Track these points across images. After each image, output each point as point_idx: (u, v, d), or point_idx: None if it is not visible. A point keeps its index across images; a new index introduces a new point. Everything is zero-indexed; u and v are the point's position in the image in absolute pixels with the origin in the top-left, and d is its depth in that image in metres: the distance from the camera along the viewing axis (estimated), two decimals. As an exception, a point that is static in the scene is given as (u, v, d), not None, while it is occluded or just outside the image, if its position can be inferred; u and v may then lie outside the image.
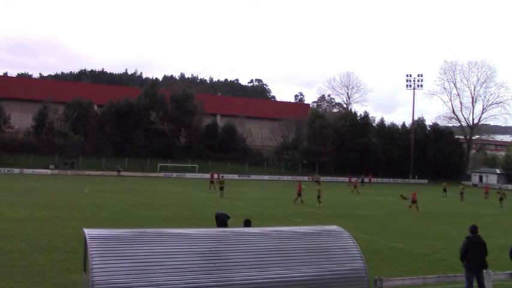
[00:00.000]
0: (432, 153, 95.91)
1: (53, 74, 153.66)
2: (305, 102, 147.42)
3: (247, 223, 14.63)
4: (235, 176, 79.17)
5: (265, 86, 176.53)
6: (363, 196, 50.52)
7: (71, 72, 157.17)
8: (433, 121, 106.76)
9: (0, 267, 13.98)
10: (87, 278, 7.58)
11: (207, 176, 76.89)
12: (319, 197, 37.25)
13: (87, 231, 7.92)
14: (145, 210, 29.39)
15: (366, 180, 75.24)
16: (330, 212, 32.26)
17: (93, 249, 7.36)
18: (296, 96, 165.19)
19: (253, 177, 78.86)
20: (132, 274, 7.16)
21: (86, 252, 7.93)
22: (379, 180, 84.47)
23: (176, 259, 7.61)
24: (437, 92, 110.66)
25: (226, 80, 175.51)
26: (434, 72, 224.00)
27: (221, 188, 43.36)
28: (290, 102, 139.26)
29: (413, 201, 36.60)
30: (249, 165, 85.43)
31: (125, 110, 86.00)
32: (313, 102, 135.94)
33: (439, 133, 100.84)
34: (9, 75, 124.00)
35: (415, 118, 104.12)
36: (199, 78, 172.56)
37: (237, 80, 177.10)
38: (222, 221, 18.08)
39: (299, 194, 38.16)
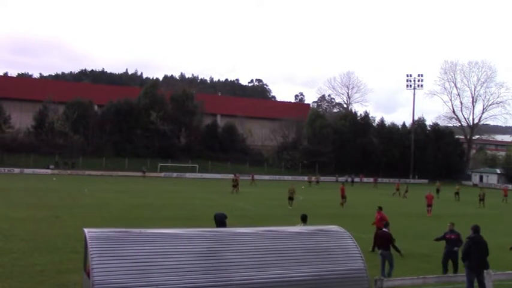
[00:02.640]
0: (432, 153, 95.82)
1: (53, 74, 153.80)
2: (305, 102, 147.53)
3: (304, 218, 14.76)
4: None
5: (265, 86, 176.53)
6: (362, 196, 50.46)
7: (71, 72, 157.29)
8: (434, 121, 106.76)
9: (0, 267, 13.99)
10: (88, 278, 7.58)
11: (207, 176, 77.20)
12: (291, 198, 34.97)
13: (87, 231, 7.92)
14: (145, 210, 29.39)
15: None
16: (330, 212, 32.22)
17: (93, 249, 7.36)
18: (296, 96, 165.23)
19: (250, 176, 78.61)
20: (131, 274, 7.17)
21: (86, 252, 7.93)
22: (379, 180, 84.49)
23: (175, 259, 7.61)
24: (437, 92, 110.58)
25: (226, 80, 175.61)
26: (435, 72, 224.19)
27: (234, 186, 46.48)
28: (290, 102, 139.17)
29: (429, 205, 34.28)
30: (249, 165, 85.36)
31: (125, 110, 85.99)
32: (314, 102, 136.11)
33: (439, 133, 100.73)
34: (9, 75, 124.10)
35: (416, 118, 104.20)
36: (199, 78, 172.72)
37: (237, 80, 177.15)
38: (220, 220, 18.14)
39: (343, 197, 36.88)
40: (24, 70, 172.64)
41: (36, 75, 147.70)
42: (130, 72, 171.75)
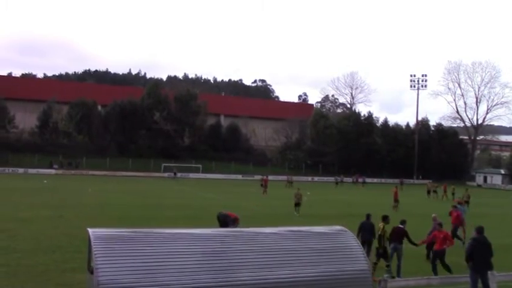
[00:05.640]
0: (436, 154, 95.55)
1: (57, 74, 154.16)
2: (309, 102, 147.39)
3: (385, 218, 15.02)
4: (239, 176, 79.06)
5: (268, 86, 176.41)
6: (365, 197, 50.38)
7: (75, 72, 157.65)
8: (437, 121, 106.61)
9: (4, 266, 14.02)
10: (92, 278, 7.58)
11: (211, 176, 77.19)
12: (298, 204, 30.73)
13: (91, 231, 7.93)
14: (149, 210, 29.42)
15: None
16: (333, 213, 32.18)
17: (98, 249, 7.37)
18: (300, 96, 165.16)
19: (257, 177, 78.63)
20: (136, 274, 7.16)
21: (90, 252, 7.94)
22: (383, 180, 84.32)
23: (181, 259, 7.60)
24: (441, 92, 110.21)
25: (230, 80, 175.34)
26: (439, 73, 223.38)
27: (262, 185, 49.23)
28: (294, 103, 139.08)
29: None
30: (253, 165, 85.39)
31: (129, 110, 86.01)
32: (317, 102, 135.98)
33: (443, 133, 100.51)
34: (13, 75, 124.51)
35: (420, 118, 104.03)
36: (202, 78, 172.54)
37: (240, 80, 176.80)
38: (224, 220, 18.15)
39: (396, 200, 35.79)
40: (28, 70, 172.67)
41: (40, 75, 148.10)
42: (134, 72, 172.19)
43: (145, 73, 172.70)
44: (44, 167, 72.42)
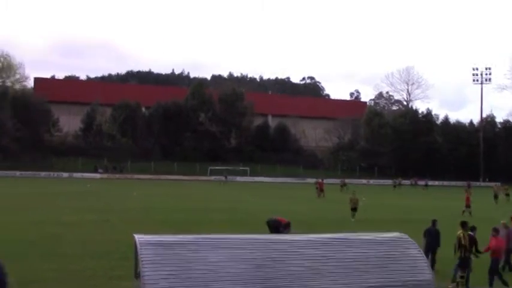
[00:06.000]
0: (504, 153, 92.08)
1: (99, 76, 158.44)
2: (361, 100, 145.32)
3: (464, 225, 14.84)
4: (288, 179, 78.70)
5: (317, 84, 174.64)
6: (425, 200, 49.15)
7: (117, 73, 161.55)
8: (504, 118, 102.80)
9: (52, 271, 14.52)
10: (138, 285, 7.69)
11: (259, 179, 77.39)
12: (354, 209, 30.77)
13: (137, 237, 8.02)
14: (195, 214, 29.77)
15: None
16: (391, 218, 31.49)
17: (144, 255, 7.45)
18: (352, 94, 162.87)
19: (309, 180, 77.87)
20: (186, 281, 7.20)
21: (137, 259, 8.05)
22: (445, 183, 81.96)
23: (232, 266, 7.58)
24: (507, 86, 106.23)
25: (276, 78, 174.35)
26: (504, 65, 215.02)
27: (322, 190, 48.88)
28: (345, 100, 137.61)
29: None
30: (303, 167, 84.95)
31: (173, 111, 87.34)
32: (370, 100, 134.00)
33: (511, 130, 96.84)
34: (56, 77, 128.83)
35: (484, 115, 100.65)
36: (248, 77, 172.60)
37: (288, 78, 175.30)
38: (274, 226, 17.98)
39: (467, 206, 35.04)
40: (71, 72, 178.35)
41: (83, 77, 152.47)
42: (177, 72, 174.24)
43: (188, 72, 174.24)
44: (88, 171, 74.75)
